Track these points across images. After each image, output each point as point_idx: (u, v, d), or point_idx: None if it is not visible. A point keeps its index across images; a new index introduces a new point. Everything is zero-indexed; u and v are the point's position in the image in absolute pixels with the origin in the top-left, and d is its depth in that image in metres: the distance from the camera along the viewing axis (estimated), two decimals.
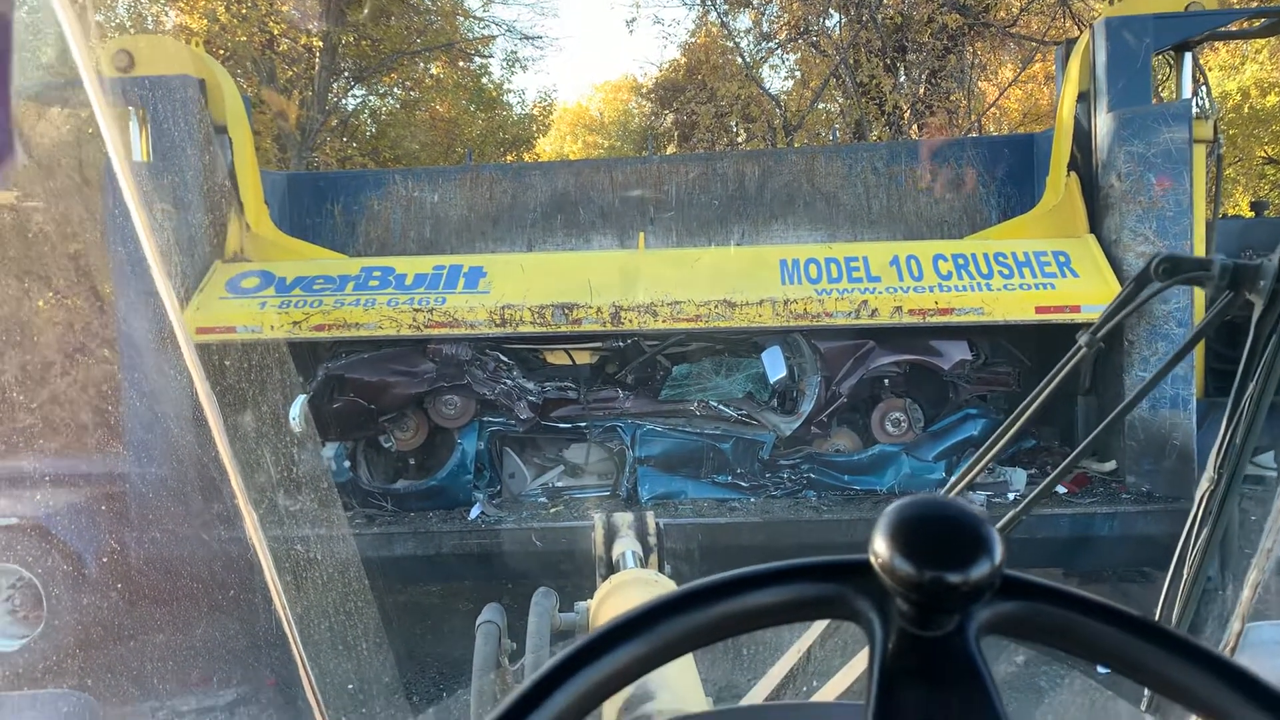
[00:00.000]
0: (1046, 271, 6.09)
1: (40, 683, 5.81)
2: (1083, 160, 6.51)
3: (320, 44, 15.59)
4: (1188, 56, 6.23)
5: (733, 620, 0.56)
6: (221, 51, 14.26)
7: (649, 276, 6.35)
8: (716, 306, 6.10)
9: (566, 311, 6.13)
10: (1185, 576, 1.13)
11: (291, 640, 1.11)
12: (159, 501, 6.13)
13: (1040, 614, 0.54)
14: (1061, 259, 6.16)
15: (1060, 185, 6.57)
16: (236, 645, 6.12)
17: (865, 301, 6.03)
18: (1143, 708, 1.17)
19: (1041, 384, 1.30)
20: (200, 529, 5.96)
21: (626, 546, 2.47)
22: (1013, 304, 5.99)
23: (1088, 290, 5.95)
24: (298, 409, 5.96)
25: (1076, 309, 5.94)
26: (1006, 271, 6.13)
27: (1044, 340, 6.46)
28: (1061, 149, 6.60)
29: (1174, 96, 6.36)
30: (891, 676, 0.52)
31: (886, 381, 6.45)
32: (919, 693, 0.51)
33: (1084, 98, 6.45)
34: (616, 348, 6.52)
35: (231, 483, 1.11)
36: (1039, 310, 5.97)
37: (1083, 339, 1.20)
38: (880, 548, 0.52)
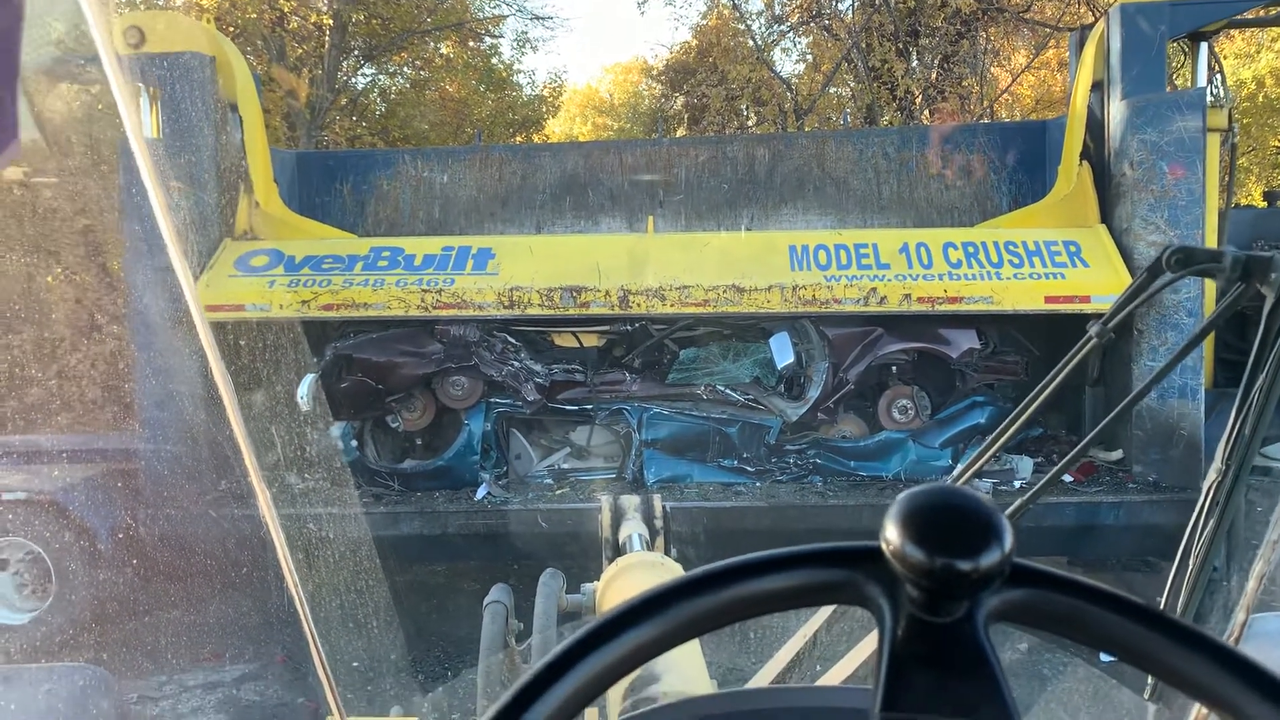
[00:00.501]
0: (1057, 261, 6.07)
1: (53, 655, 5.87)
2: (1095, 148, 6.47)
3: (330, 22, 15.54)
4: (1203, 44, 6.18)
5: (744, 605, 0.56)
6: (231, 28, 14.23)
7: (658, 260, 6.34)
8: (725, 291, 6.09)
9: (575, 294, 6.14)
10: (1191, 567, 1.14)
11: (303, 617, 1.12)
12: (172, 478, 6.17)
13: (1048, 602, 0.55)
14: (1072, 249, 6.13)
15: (1072, 174, 6.53)
16: (248, 622, 6.17)
17: (874, 289, 6.02)
18: (1146, 696, 1.18)
19: (1051, 374, 1.30)
20: (212, 506, 6.01)
21: (633, 529, 2.48)
22: (1022, 293, 5.97)
23: (1098, 281, 5.93)
24: (306, 388, 5.99)
25: (1086, 299, 5.91)
26: (1016, 260, 6.10)
27: (1053, 330, 6.45)
28: (1074, 138, 6.56)
29: (1188, 84, 6.31)
30: (900, 662, 0.52)
31: (894, 369, 6.44)
32: (927, 678, 0.52)
33: (1098, 86, 6.41)
34: (624, 331, 6.53)
35: (245, 460, 1.12)
36: (1048, 300, 5.96)
37: (1093, 330, 1.20)
38: (892, 535, 0.52)
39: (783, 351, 6.35)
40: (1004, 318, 6.29)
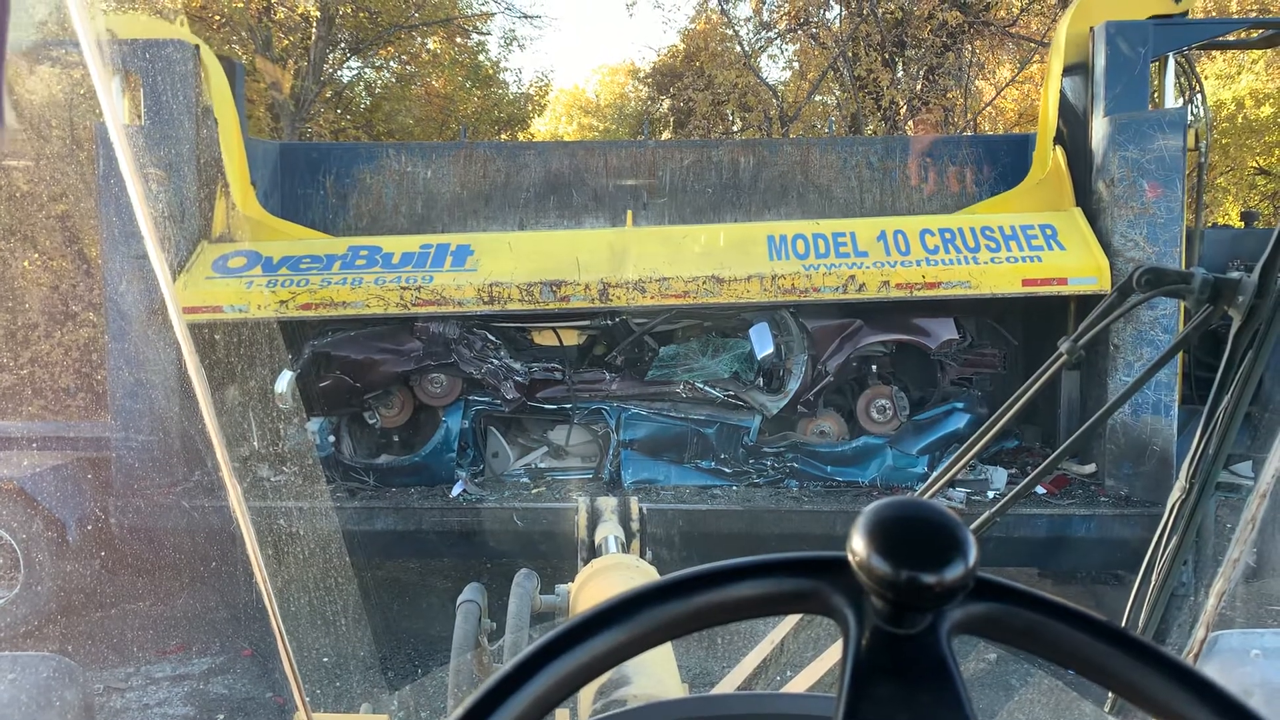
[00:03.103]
0: (1033, 245, 6.12)
1: (15, 645, 5.80)
2: (1070, 135, 6.54)
3: (317, 13, 15.45)
4: (1170, 62, 6.25)
5: (711, 611, 0.57)
6: (217, 18, 14.13)
7: (637, 254, 6.35)
8: (705, 282, 6.11)
9: (555, 289, 6.13)
10: (1153, 583, 1.15)
11: (271, 612, 1.12)
12: (142, 469, 6.12)
13: (1010, 616, 0.55)
14: (1048, 232, 6.18)
15: (1047, 158, 6.59)
16: (213, 615, 6.12)
17: (853, 276, 6.05)
18: (1106, 709, 1.19)
19: (1022, 388, 1.31)
20: (182, 498, 5.96)
21: (609, 531, 2.49)
22: (1000, 277, 6.01)
23: (1074, 263, 5.99)
24: (285, 383, 5.96)
25: (1064, 281, 5.97)
26: (993, 245, 6.14)
27: (1030, 316, 6.52)
28: (1047, 122, 6.62)
29: (1162, 102, 6.39)
30: (864, 672, 0.53)
31: (874, 367, 6.47)
32: (890, 689, 0.52)
33: (1070, 71, 6.47)
34: (604, 326, 6.52)
35: (216, 453, 1.11)
36: (1026, 283, 6.00)
37: (1064, 346, 1.21)
38: (858, 546, 0.53)
39: (763, 341, 6.36)
40: (982, 308, 6.36)
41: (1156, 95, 6.54)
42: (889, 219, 6.69)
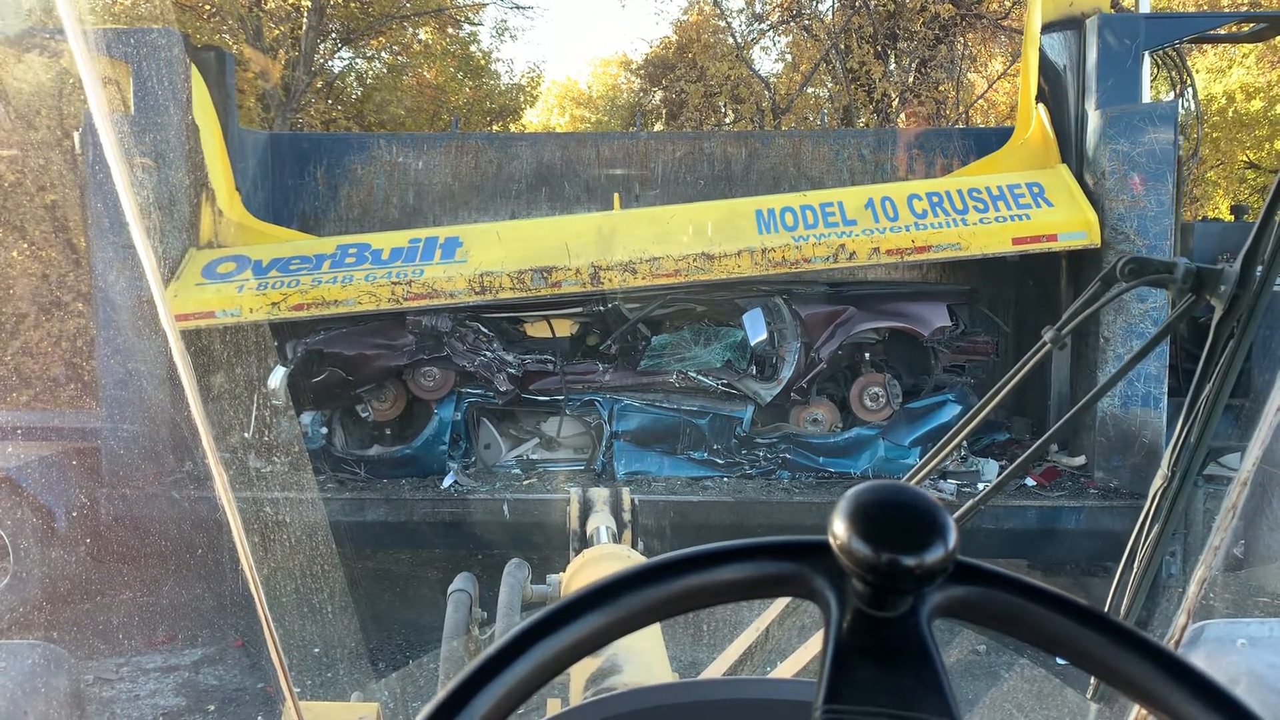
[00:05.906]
0: (1021, 203, 6.12)
1: (3, 634, 5.79)
2: (1051, 93, 6.55)
3: (308, 3, 15.36)
4: (1146, 59, 6.26)
5: (694, 595, 0.57)
6: (207, 7, 14.04)
7: (626, 235, 6.34)
8: (695, 260, 6.09)
9: (545, 275, 6.11)
10: (1135, 570, 1.16)
11: (258, 603, 1.12)
12: (130, 459, 6.10)
13: (991, 599, 0.56)
14: (1035, 190, 6.18)
15: (1030, 118, 6.59)
16: (203, 605, 6.12)
17: (843, 245, 6.04)
18: (1089, 695, 1.20)
19: (1006, 377, 1.32)
20: (171, 488, 5.95)
21: (601, 522, 2.49)
22: (989, 237, 6.02)
23: (1063, 219, 6.00)
24: (277, 380, 5.95)
25: (1053, 238, 5.98)
26: (981, 206, 6.14)
27: (1021, 311, 6.51)
28: (1029, 81, 6.62)
29: (1156, 96, 6.41)
30: (845, 654, 0.53)
31: (867, 354, 6.47)
32: (871, 670, 0.53)
33: (1049, 28, 6.47)
34: (596, 312, 6.50)
35: (203, 443, 1.11)
36: (1015, 241, 6.01)
37: (1048, 335, 1.22)
38: (839, 529, 0.53)
39: (756, 328, 6.35)
40: (974, 295, 6.42)
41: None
42: (875, 186, 6.68)
